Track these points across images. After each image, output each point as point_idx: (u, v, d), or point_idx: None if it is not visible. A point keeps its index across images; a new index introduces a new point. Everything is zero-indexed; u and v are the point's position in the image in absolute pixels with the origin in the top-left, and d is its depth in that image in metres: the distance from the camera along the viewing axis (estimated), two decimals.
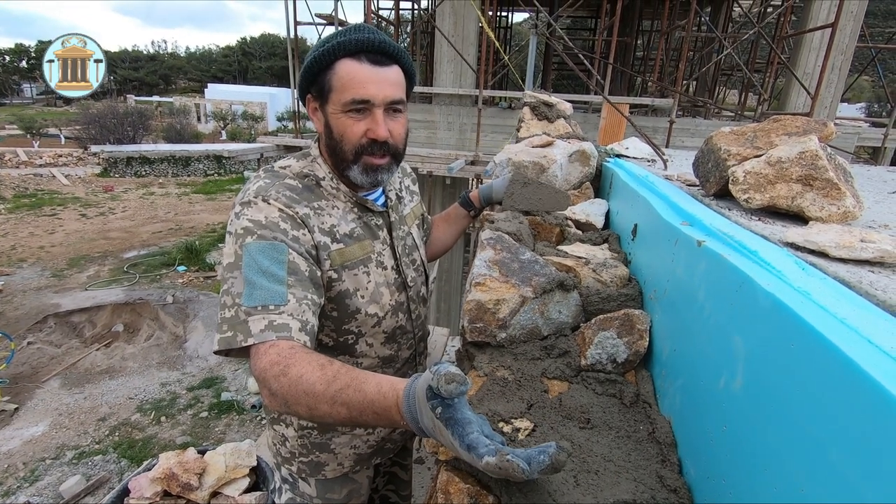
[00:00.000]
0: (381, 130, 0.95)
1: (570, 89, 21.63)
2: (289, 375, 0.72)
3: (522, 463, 0.52)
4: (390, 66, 0.96)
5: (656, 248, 1.02)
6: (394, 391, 0.66)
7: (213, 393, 5.99)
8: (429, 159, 7.20)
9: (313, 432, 1.16)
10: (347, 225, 1.03)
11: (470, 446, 0.55)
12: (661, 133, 6.65)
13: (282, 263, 0.85)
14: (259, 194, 0.93)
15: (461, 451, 0.57)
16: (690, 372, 0.74)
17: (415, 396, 0.63)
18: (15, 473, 4.60)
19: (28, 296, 8.07)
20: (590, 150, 1.78)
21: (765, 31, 7.67)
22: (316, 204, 0.99)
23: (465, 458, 0.57)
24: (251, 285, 0.82)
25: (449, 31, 7.56)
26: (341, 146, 0.97)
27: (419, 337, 1.23)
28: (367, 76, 0.92)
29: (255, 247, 0.85)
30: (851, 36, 7.70)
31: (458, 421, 0.58)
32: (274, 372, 0.74)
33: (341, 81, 0.93)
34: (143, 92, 50.04)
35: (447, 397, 0.58)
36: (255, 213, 0.90)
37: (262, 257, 0.84)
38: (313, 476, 1.20)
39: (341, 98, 0.93)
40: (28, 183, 15.77)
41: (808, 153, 0.94)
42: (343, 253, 1.01)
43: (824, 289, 0.56)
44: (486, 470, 0.54)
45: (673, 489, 0.67)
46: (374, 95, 0.93)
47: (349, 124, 0.95)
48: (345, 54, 0.92)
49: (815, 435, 0.43)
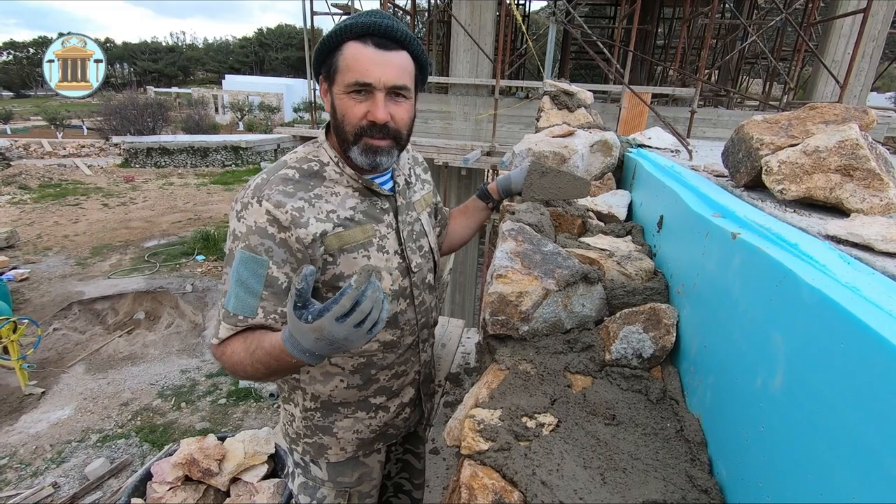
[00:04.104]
0: (379, 113, 0.95)
1: (588, 79, 21.30)
2: (226, 355, 0.96)
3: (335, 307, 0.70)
4: (397, 52, 0.96)
5: (684, 241, 0.99)
6: (278, 337, 0.84)
7: (231, 380, 6.10)
8: (444, 150, 7.15)
9: (316, 414, 1.17)
10: (347, 210, 1.03)
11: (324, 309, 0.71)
12: (681, 123, 6.50)
13: (260, 277, 0.95)
14: (255, 194, 0.96)
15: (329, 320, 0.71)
16: (722, 369, 0.71)
17: (289, 328, 0.78)
18: (43, 455, 4.75)
19: (53, 283, 8.29)
20: (612, 140, 1.74)
21: (792, 17, 7.42)
22: (314, 193, 1.00)
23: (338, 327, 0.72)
24: (231, 291, 0.96)
25: (465, 21, 7.47)
26: (343, 126, 0.99)
27: (423, 324, 1.22)
28: (370, 59, 0.94)
29: (241, 256, 0.95)
30: (884, 22, 7.41)
31: (322, 307, 0.72)
32: (218, 357, 0.98)
33: (346, 62, 0.94)
34: (162, 83, 50.73)
35: (301, 287, 0.72)
36: (248, 217, 0.95)
37: (244, 268, 0.94)
38: (318, 458, 1.22)
39: (344, 79, 0.95)
40: (52, 173, 16.14)
41: (849, 142, 0.89)
42: (342, 237, 1.01)
43: (874, 284, 0.53)
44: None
45: (704, 489, 0.65)
46: (376, 79, 0.94)
47: (350, 105, 0.97)
48: (352, 37, 0.94)
49: (870, 441, 0.41)
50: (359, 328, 0.72)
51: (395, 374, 1.19)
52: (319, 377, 1.12)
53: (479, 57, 7.56)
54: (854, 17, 6.66)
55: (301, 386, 1.15)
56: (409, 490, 1.56)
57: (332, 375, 1.12)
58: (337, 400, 1.15)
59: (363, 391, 1.16)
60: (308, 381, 1.14)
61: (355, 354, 1.11)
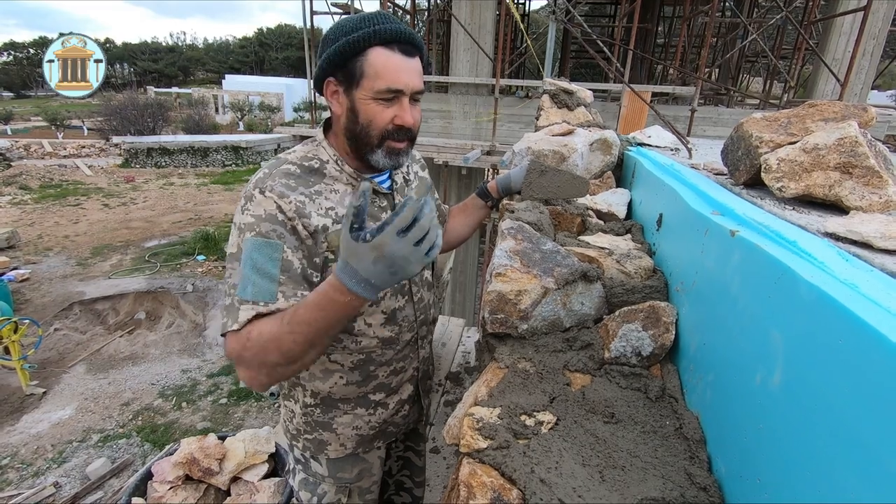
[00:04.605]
0: (408, 118, 0.99)
1: (588, 77, 21.28)
2: (252, 338, 0.84)
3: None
4: (415, 57, 0.99)
5: (683, 239, 0.99)
6: (327, 280, 0.79)
7: (232, 380, 6.11)
8: (444, 149, 7.15)
9: (316, 410, 1.18)
10: (346, 207, 1.04)
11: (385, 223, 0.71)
12: (682, 122, 6.49)
13: (276, 261, 0.91)
14: (258, 186, 0.96)
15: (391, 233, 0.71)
16: (721, 367, 0.71)
17: (345, 257, 0.75)
18: (44, 455, 4.76)
19: (54, 283, 8.30)
20: (612, 139, 1.74)
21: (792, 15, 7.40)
22: (314, 189, 1.02)
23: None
24: (246, 279, 0.89)
25: (465, 20, 7.46)
26: (368, 130, 1.00)
27: (421, 321, 1.23)
28: (400, 66, 0.96)
29: (253, 243, 0.91)
30: (884, 19, 7.38)
31: (381, 223, 0.71)
32: (241, 345, 0.85)
33: (374, 69, 0.95)
34: (162, 83, 50.74)
35: (358, 205, 0.73)
36: (255, 208, 0.94)
37: (258, 254, 0.90)
38: (318, 454, 1.23)
39: (374, 85, 0.96)
40: (53, 173, 16.15)
41: (848, 139, 0.89)
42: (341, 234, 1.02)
43: (873, 281, 0.53)
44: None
45: (703, 487, 0.65)
46: (406, 84, 0.97)
47: (378, 111, 0.98)
48: (378, 42, 0.95)
49: (868, 438, 0.40)
50: (418, 247, 0.72)
51: (393, 370, 1.20)
52: (319, 374, 1.13)
53: (479, 56, 7.56)
54: (854, 15, 6.65)
55: (301, 383, 1.16)
56: (410, 487, 1.57)
57: (331, 372, 1.13)
58: (336, 396, 1.16)
59: (362, 387, 1.16)
60: (308, 378, 1.15)
61: (354, 351, 1.11)
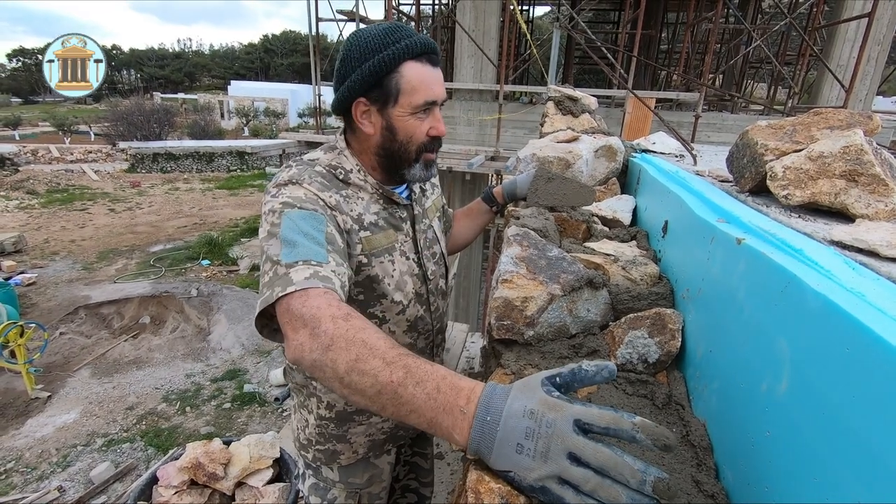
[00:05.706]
0: (442, 128, 1.02)
1: (592, 84, 21.29)
2: (351, 322, 0.66)
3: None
4: (438, 66, 1.01)
5: (689, 246, 0.99)
6: (469, 380, 0.59)
7: (236, 385, 6.11)
8: (448, 155, 7.18)
9: (331, 424, 1.18)
10: (371, 215, 1.05)
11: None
12: (685, 128, 6.49)
13: (321, 232, 0.84)
14: (292, 180, 0.94)
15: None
16: (728, 374, 0.72)
17: (515, 386, 0.55)
18: (48, 459, 4.77)
19: (60, 288, 8.35)
20: (616, 146, 1.74)
21: (796, 21, 7.41)
22: (342, 193, 1.01)
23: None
24: (291, 244, 0.79)
25: (469, 26, 7.51)
26: (407, 147, 1.01)
27: (437, 329, 1.25)
28: (432, 77, 0.97)
29: (297, 214, 0.85)
30: (889, 25, 7.39)
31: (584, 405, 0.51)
32: (333, 312, 0.67)
33: (411, 84, 0.95)
34: (168, 89, 51.16)
35: (583, 379, 0.55)
36: (294, 191, 0.91)
37: (304, 222, 0.84)
38: (329, 463, 1.23)
39: (412, 101, 0.96)
40: (60, 178, 16.29)
41: (853, 147, 0.90)
42: (370, 240, 1.03)
43: (879, 290, 0.53)
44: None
45: (710, 495, 0.65)
46: (439, 95, 0.99)
47: (417, 125, 0.99)
48: (410, 57, 0.95)
49: (875, 446, 0.41)
50: (569, 475, 0.49)
51: None
52: None
53: (483, 62, 7.60)
54: (859, 21, 6.65)
55: (317, 394, 1.16)
56: (417, 488, 1.58)
57: None
58: (352, 409, 1.16)
59: None
60: (324, 390, 1.14)
61: None
